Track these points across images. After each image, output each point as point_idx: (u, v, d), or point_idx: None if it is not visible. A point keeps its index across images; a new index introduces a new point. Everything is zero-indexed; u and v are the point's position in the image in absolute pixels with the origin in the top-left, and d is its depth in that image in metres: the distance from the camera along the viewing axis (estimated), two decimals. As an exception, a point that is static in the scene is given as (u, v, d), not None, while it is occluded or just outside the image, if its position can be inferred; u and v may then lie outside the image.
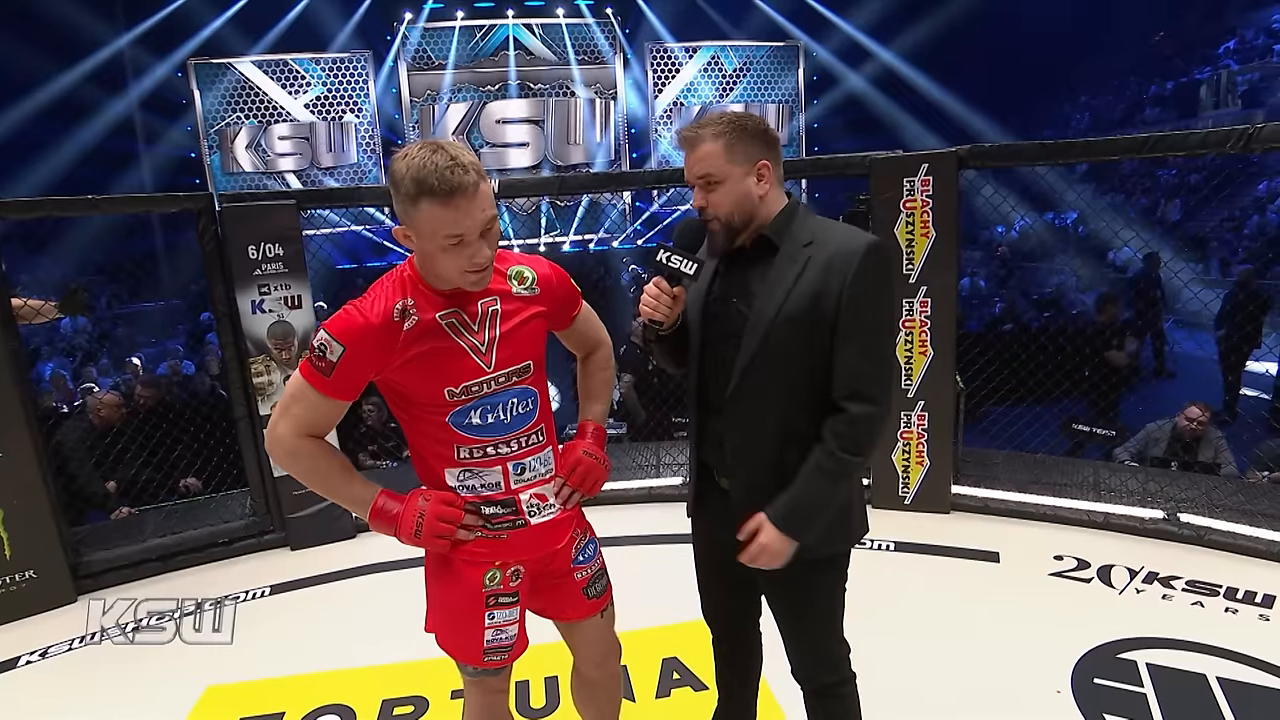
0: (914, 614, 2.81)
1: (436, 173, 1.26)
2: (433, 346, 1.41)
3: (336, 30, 14.06)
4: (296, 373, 1.44)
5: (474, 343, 1.44)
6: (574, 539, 1.65)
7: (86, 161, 12.35)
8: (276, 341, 3.55)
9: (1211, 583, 2.93)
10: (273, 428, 1.44)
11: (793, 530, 1.49)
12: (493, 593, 1.53)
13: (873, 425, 1.48)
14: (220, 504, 3.94)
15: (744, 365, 1.51)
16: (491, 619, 1.54)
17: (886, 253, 1.50)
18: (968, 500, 3.66)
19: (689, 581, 2.16)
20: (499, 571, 1.54)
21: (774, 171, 1.52)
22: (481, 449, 1.49)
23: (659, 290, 1.53)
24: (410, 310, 1.40)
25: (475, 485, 1.50)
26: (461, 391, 1.43)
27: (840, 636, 1.69)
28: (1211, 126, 3.19)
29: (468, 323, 1.44)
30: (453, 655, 1.58)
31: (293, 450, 1.44)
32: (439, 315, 1.42)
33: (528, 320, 1.51)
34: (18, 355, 3.16)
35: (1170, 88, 15.59)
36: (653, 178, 5.74)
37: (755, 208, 1.51)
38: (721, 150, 1.48)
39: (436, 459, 1.50)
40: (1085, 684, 2.39)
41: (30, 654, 2.90)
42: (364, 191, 4.42)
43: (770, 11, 14.99)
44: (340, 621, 3.08)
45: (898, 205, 3.43)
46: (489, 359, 1.45)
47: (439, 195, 1.27)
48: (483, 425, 1.47)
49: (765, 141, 1.51)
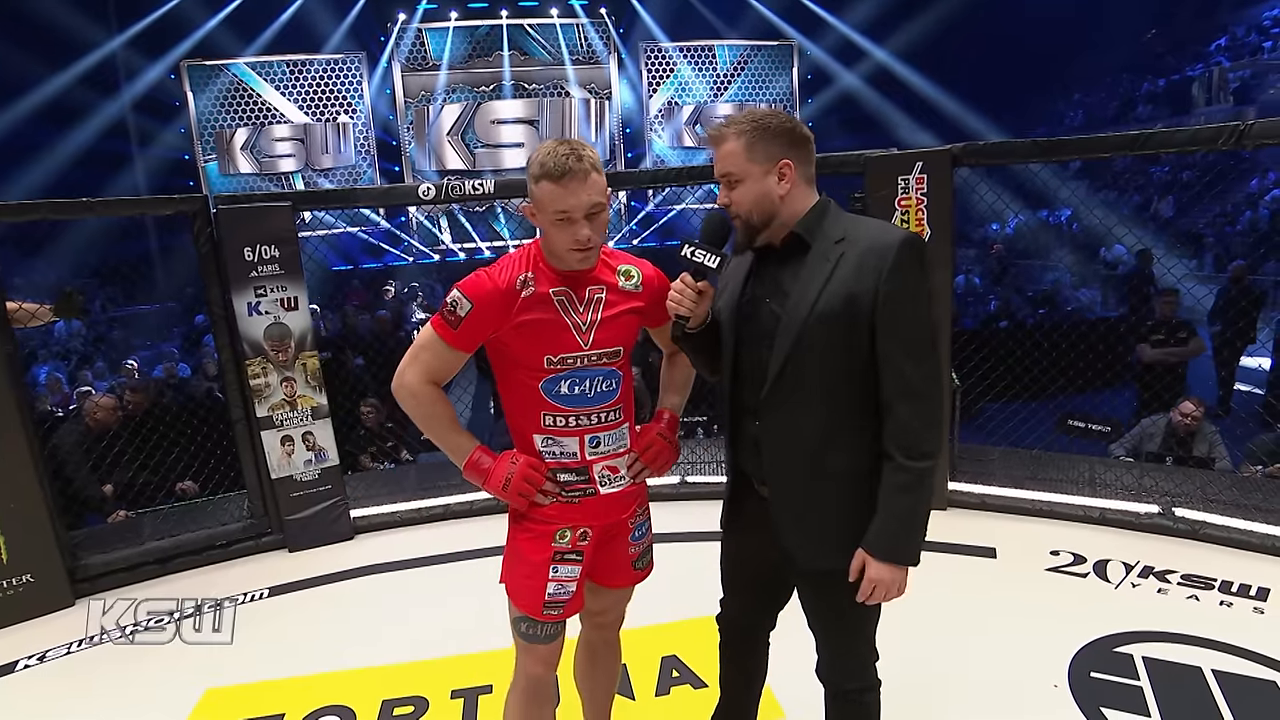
0: (911, 610, 2.79)
1: (556, 159, 1.50)
2: (542, 316, 1.59)
3: (330, 31, 14.03)
4: (427, 325, 1.64)
5: (577, 321, 1.62)
6: (636, 513, 1.81)
7: (80, 164, 12.30)
8: (273, 343, 3.54)
9: (1207, 576, 2.95)
10: (401, 374, 1.63)
11: (896, 557, 1.47)
12: (560, 550, 1.68)
13: (929, 423, 1.45)
14: (218, 506, 3.94)
15: (778, 367, 1.49)
16: (555, 573, 1.68)
17: (921, 247, 1.47)
18: (964, 496, 3.67)
19: (688, 579, 2.16)
20: (569, 531, 1.69)
21: (799, 170, 1.50)
22: (565, 418, 1.65)
23: (684, 285, 1.55)
24: (530, 281, 1.59)
25: (556, 452, 1.67)
26: (559, 361, 1.61)
27: (871, 644, 1.67)
28: (1204, 123, 3.20)
29: (575, 303, 1.62)
30: (515, 602, 1.72)
31: (417, 393, 1.63)
32: (552, 290, 1.60)
33: (626, 313, 1.68)
34: (13, 359, 3.15)
35: (1163, 85, 15.65)
36: (648, 177, 5.76)
37: (775, 207, 1.50)
38: (743, 149, 1.48)
39: (526, 423, 1.67)
40: (1082, 678, 2.40)
41: (28, 658, 2.89)
42: (359, 193, 4.40)
43: (764, 10, 15.00)
44: (339, 623, 3.08)
45: (893, 203, 3.44)
46: (587, 338, 1.63)
47: (554, 176, 1.50)
48: (570, 395, 1.64)
49: (790, 140, 1.49)
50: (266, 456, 3.60)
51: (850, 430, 1.48)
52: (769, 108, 1.54)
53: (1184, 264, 9.51)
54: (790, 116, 1.52)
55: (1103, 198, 12.35)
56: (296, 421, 3.63)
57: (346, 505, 3.80)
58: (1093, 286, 9.96)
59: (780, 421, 1.53)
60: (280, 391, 3.58)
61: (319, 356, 3.71)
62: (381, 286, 11.99)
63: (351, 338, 7.20)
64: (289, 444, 3.63)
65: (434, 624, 2.94)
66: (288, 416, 3.61)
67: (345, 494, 3.81)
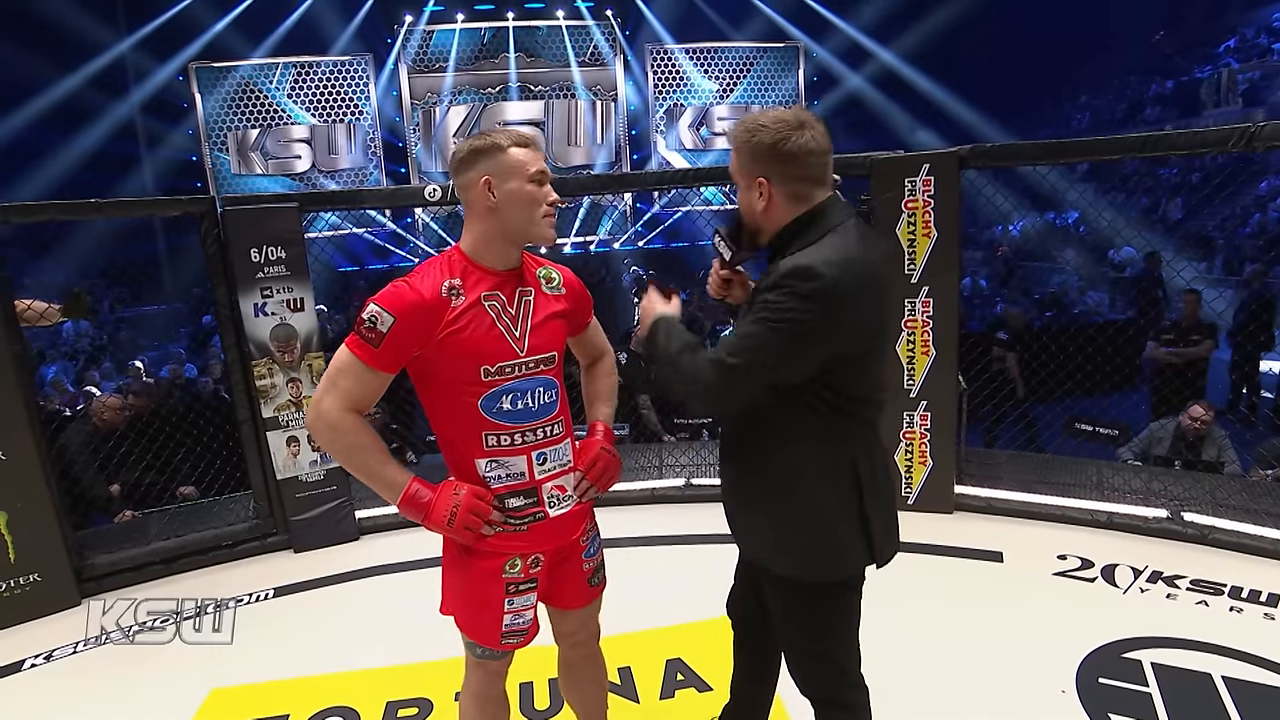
0: (917, 614, 2.81)
1: (510, 132, 1.56)
2: (474, 323, 1.51)
3: (337, 33, 14.07)
4: (342, 348, 1.51)
5: (509, 325, 1.55)
6: (586, 530, 1.75)
7: (88, 166, 12.37)
8: (279, 344, 3.55)
9: (1216, 582, 2.93)
10: (317, 403, 1.50)
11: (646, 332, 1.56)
12: (513, 580, 1.61)
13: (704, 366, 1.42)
14: (223, 507, 3.94)
15: None
16: (511, 605, 1.62)
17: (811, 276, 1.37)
18: (971, 500, 3.66)
19: (691, 582, 2.14)
20: (520, 560, 1.62)
21: (779, 189, 1.48)
22: (509, 436, 1.56)
23: (714, 268, 1.68)
24: (457, 288, 1.51)
25: (502, 475, 1.58)
26: (496, 371, 1.53)
27: (835, 666, 1.62)
28: (1212, 125, 3.18)
29: (506, 306, 1.56)
30: (471, 637, 1.66)
31: (337, 424, 1.49)
32: (483, 295, 1.53)
33: (553, 316, 1.63)
34: (21, 359, 3.16)
35: (1171, 87, 15.58)
36: (654, 179, 5.75)
37: (757, 219, 1.53)
38: (733, 159, 1.54)
39: (467, 448, 1.57)
40: (1090, 683, 2.38)
41: (35, 657, 2.90)
42: (366, 194, 4.42)
43: (770, 12, 14.99)
44: (344, 623, 3.08)
45: (899, 205, 3.43)
46: (521, 344, 1.56)
47: (522, 143, 1.53)
48: (512, 411, 1.56)
49: (770, 157, 1.46)
50: (272, 457, 3.61)
51: (780, 435, 1.51)
52: (774, 114, 1.49)
53: (1193, 266, 9.45)
54: (785, 128, 1.45)
55: (1110, 200, 12.29)
56: (302, 422, 3.64)
57: (352, 506, 3.81)
58: (1100, 289, 9.91)
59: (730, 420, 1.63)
60: (286, 392, 3.59)
61: (324, 357, 3.71)
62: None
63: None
64: (294, 445, 3.64)
65: (439, 625, 2.90)
66: (293, 417, 3.62)
67: (350, 495, 3.81)
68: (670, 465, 4.20)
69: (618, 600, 2.21)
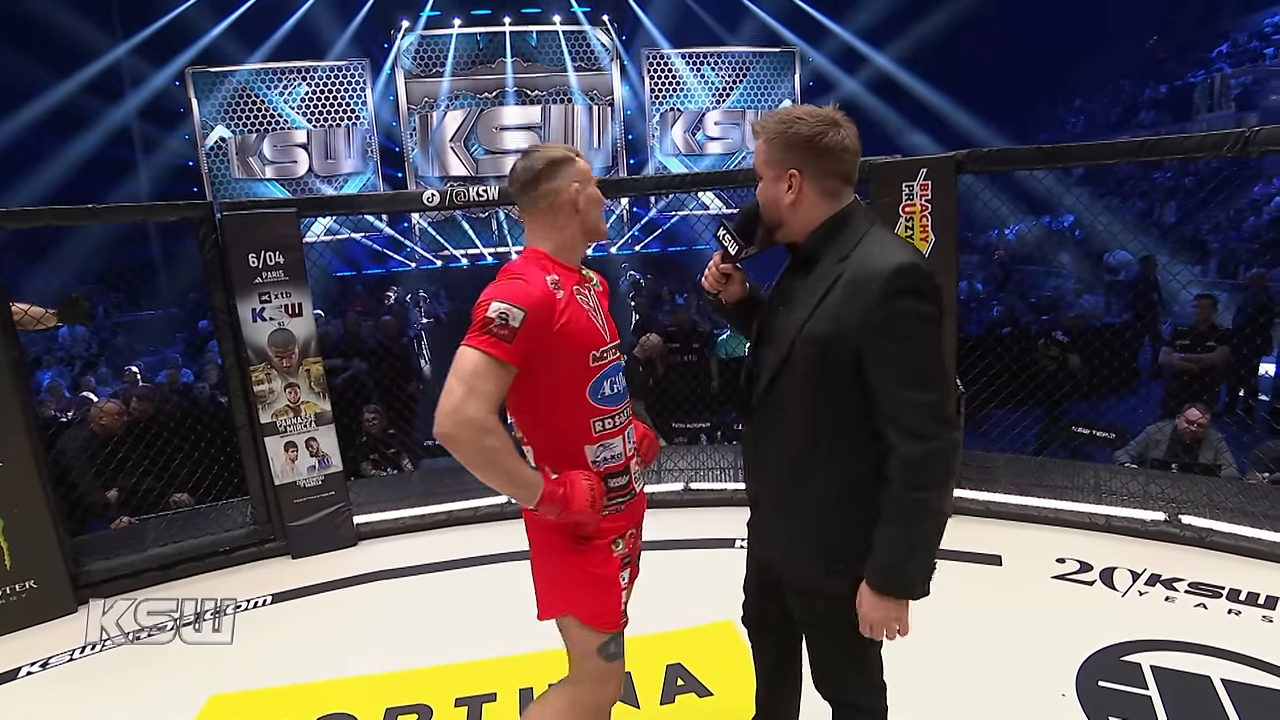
0: (916, 617, 2.79)
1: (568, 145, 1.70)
2: (575, 314, 1.57)
3: (334, 38, 14.07)
4: (472, 351, 1.45)
5: (594, 315, 1.64)
6: None
7: (84, 171, 12.32)
8: (277, 349, 3.55)
9: (1214, 584, 2.93)
10: (459, 411, 1.41)
11: (889, 588, 1.42)
12: (620, 555, 1.67)
13: (930, 461, 1.38)
14: (221, 512, 3.93)
15: (770, 374, 1.51)
16: (624, 579, 1.69)
17: (914, 275, 1.37)
18: (969, 504, 3.66)
19: (690, 587, 2.14)
20: (621, 538, 1.68)
21: (811, 183, 1.46)
22: (611, 419, 1.65)
23: (712, 263, 1.66)
24: (558, 283, 1.57)
25: (608, 457, 1.65)
26: (599, 356, 1.61)
27: (864, 671, 1.62)
28: (1206, 129, 3.20)
29: (588, 298, 1.64)
30: (600, 625, 1.65)
31: (486, 426, 1.43)
32: (574, 288, 1.61)
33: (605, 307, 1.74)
34: (18, 363, 3.15)
35: (1164, 91, 15.64)
36: (651, 184, 5.76)
37: (782, 213, 1.50)
38: (764, 148, 1.50)
39: (577, 436, 1.61)
40: (1090, 687, 2.39)
41: (31, 665, 2.88)
42: (364, 199, 4.43)
43: (766, 17, 15.02)
44: (342, 629, 3.07)
45: (897, 210, 3.44)
46: (604, 330, 1.65)
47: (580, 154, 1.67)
48: (611, 395, 1.64)
49: (806, 149, 1.45)
50: (270, 463, 3.60)
51: (831, 450, 1.45)
52: (809, 109, 1.47)
53: (1189, 270, 9.47)
54: (822, 123, 1.44)
55: (1106, 203, 12.34)
56: (300, 427, 3.63)
57: (350, 511, 3.80)
58: (1096, 293, 9.93)
59: (766, 428, 1.56)
60: (284, 398, 3.58)
61: (324, 363, 3.71)
62: (383, 292, 12.00)
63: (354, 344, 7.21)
64: (293, 450, 3.63)
65: (438, 631, 2.92)
66: (291, 422, 3.61)
67: (349, 500, 3.80)
68: (669, 470, 4.20)
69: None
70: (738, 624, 1.93)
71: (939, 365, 1.41)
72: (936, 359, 1.41)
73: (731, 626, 2.70)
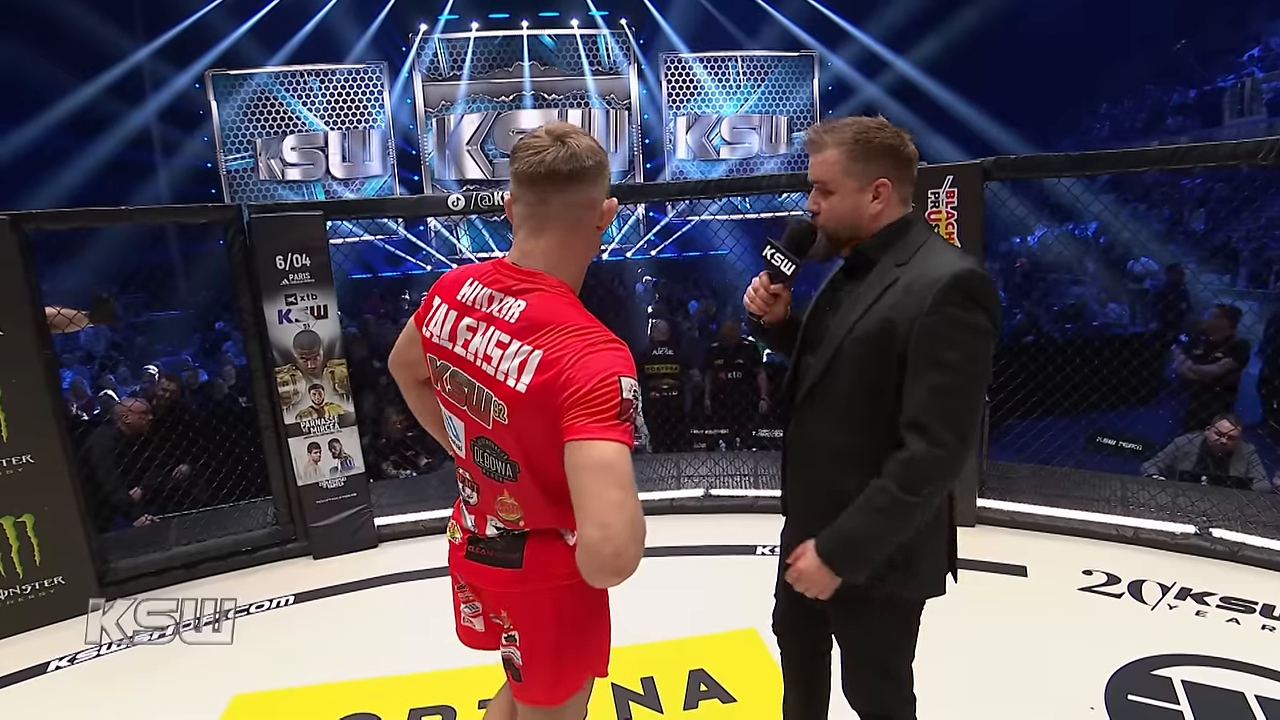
0: (941, 629, 2.77)
1: None
2: None
3: (353, 41, 14.20)
4: (613, 446, 1.15)
5: None
6: None
7: (105, 173, 12.50)
8: (302, 351, 3.57)
9: (1247, 599, 2.88)
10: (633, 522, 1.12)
11: (833, 562, 1.43)
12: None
13: (933, 467, 1.36)
14: (243, 512, 3.96)
15: (814, 378, 1.50)
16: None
17: (973, 283, 1.36)
18: (993, 514, 3.63)
19: (712, 593, 2.12)
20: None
21: (896, 190, 1.45)
22: None
23: (760, 285, 1.60)
24: None
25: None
26: None
27: (896, 682, 1.61)
28: (1236, 135, 3.15)
29: None
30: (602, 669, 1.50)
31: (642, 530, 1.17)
32: None
33: None
34: (51, 364, 3.20)
35: (1193, 96, 15.40)
36: (676, 189, 5.74)
37: (863, 224, 1.47)
38: (842, 159, 1.44)
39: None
40: (1120, 701, 2.35)
41: (60, 659, 2.92)
42: (389, 203, 4.44)
43: (785, 21, 14.99)
44: (365, 630, 3.08)
45: (922, 217, 3.41)
46: None
47: None
48: None
49: (892, 158, 1.43)
50: (293, 463, 3.62)
51: (872, 454, 1.43)
52: (875, 118, 1.45)
53: (1218, 279, 9.32)
54: (898, 132, 1.44)
55: (1132, 210, 12.17)
56: (324, 429, 3.65)
57: (371, 513, 3.82)
58: (1121, 302, 9.81)
59: (807, 431, 1.55)
60: (308, 399, 3.61)
61: (346, 364, 3.73)
62: (399, 295, 12.07)
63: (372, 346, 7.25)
64: (315, 451, 3.65)
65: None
66: (315, 424, 3.64)
67: (370, 502, 3.82)
68: (688, 475, 4.19)
69: (638, 610, 2.21)
70: (761, 631, 1.92)
71: (978, 380, 1.40)
72: (978, 372, 1.39)
73: (755, 634, 2.69)
